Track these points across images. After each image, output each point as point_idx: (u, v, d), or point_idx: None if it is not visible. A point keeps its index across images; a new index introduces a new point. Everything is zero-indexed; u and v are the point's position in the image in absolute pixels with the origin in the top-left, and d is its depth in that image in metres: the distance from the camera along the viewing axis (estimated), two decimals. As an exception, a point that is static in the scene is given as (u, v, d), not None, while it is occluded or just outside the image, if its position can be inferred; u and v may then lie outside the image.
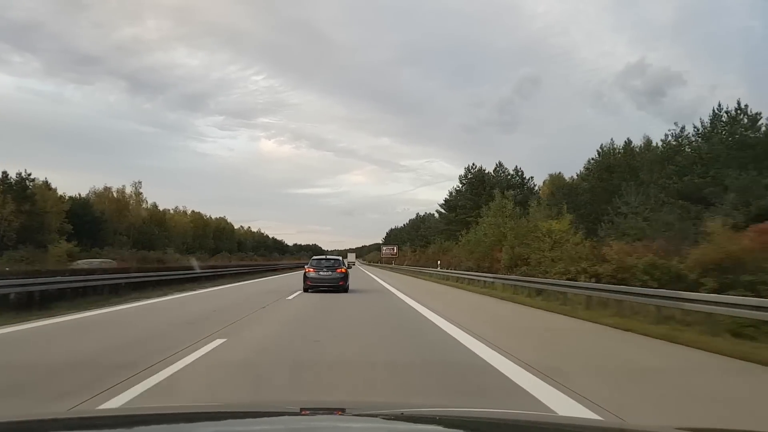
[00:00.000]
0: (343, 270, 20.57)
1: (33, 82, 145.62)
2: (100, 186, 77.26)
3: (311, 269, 20.18)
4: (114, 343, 8.07)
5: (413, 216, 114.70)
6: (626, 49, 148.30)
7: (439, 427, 1.87)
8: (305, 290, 19.61)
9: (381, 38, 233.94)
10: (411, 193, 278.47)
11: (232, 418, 1.98)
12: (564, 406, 4.69)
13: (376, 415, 2.00)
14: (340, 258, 22.98)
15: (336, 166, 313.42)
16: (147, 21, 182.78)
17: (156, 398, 5.00)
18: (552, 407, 4.67)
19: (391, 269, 63.71)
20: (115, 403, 4.61)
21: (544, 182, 61.12)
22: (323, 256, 23.87)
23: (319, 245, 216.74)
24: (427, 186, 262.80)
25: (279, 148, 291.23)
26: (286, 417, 1.97)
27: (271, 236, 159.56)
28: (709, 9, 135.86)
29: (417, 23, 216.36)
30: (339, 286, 19.81)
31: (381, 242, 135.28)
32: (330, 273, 20.00)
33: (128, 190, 78.19)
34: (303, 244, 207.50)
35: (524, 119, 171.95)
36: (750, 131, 32.60)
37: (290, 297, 17.63)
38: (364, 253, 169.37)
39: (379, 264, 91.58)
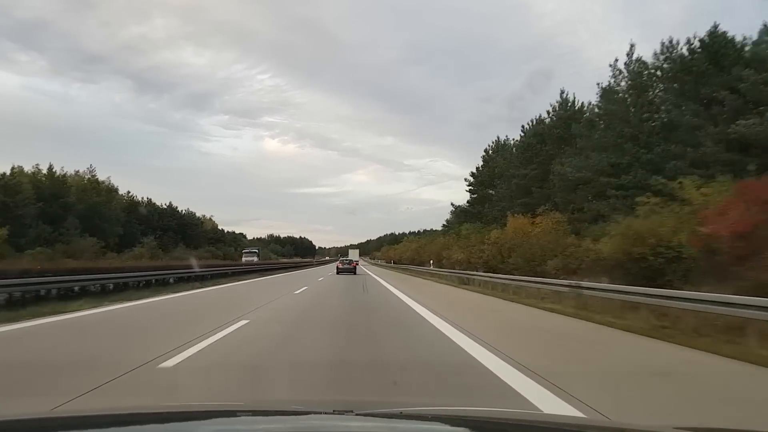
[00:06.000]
0: (355, 264, 45.23)
1: (39, 81, 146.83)
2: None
3: (340, 263, 43.30)
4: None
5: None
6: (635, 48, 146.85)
7: (438, 426, 1.87)
8: (337, 273, 39.35)
9: (388, 37, 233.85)
10: (414, 193, 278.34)
11: (232, 417, 1.99)
12: None
13: (375, 415, 2.01)
14: (356, 258, 61.89)
15: (340, 165, 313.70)
16: (154, 19, 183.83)
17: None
18: None
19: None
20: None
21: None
22: (346, 258, 48.53)
23: (309, 238, 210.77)
24: (430, 185, 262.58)
25: (283, 148, 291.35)
26: (285, 416, 1.99)
27: (194, 213, 79.72)
28: (717, 8, 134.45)
29: (424, 22, 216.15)
30: (353, 272, 40.99)
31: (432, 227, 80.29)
32: (348, 265, 42.24)
33: None
34: (285, 236, 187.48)
35: (534, 116, 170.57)
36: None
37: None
38: (370, 249, 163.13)
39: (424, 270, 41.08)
